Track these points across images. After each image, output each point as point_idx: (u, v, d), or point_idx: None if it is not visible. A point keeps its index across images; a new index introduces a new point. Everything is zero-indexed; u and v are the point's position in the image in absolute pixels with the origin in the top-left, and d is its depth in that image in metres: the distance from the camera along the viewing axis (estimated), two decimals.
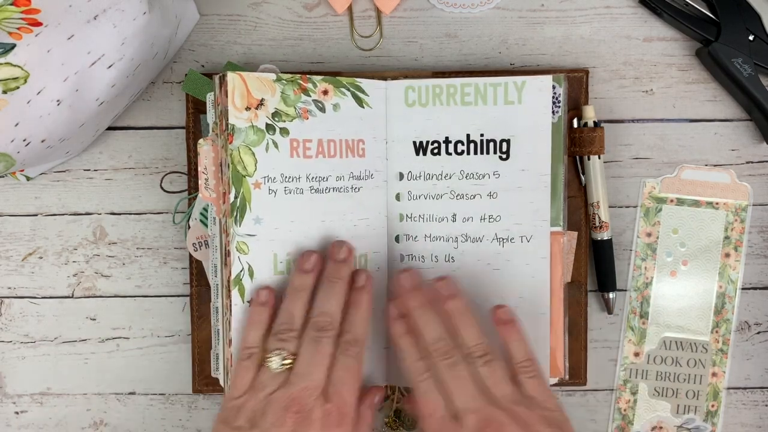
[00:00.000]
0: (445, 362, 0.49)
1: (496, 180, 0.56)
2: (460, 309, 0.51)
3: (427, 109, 0.56)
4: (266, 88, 0.53)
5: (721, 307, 0.61)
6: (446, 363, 0.49)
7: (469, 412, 0.47)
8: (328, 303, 0.51)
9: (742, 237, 0.61)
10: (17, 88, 0.48)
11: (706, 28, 0.59)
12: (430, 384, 0.49)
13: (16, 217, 0.61)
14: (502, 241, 0.56)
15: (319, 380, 0.48)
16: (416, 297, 0.52)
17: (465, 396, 0.48)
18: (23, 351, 0.62)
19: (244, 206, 0.52)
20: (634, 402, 0.61)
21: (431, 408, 0.49)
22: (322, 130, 0.55)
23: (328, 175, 0.55)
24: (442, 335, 0.50)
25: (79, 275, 0.61)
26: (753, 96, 0.58)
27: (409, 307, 0.52)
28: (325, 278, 0.52)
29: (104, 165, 0.61)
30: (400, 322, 0.53)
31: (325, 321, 0.50)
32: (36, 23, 0.46)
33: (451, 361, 0.49)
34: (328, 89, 0.54)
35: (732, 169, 0.61)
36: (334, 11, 0.60)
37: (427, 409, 0.49)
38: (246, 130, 0.52)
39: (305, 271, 0.52)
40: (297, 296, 0.51)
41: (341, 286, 0.52)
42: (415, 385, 0.50)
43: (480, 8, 0.61)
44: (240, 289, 0.53)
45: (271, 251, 0.54)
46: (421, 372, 0.50)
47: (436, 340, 0.50)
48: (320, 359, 0.49)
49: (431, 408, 0.49)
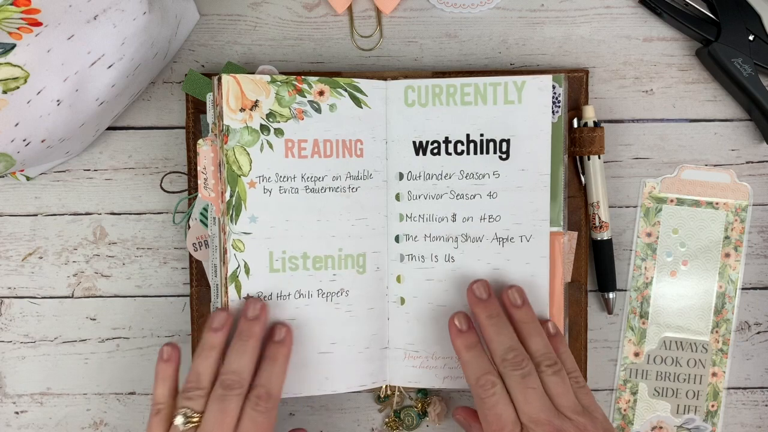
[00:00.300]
0: (516, 373, 0.49)
1: (496, 180, 0.56)
2: (527, 318, 0.52)
3: (427, 108, 0.56)
4: (260, 89, 0.54)
5: (721, 307, 0.61)
6: (518, 374, 0.49)
7: (539, 424, 0.48)
8: (237, 361, 0.51)
9: (742, 237, 0.61)
10: (17, 88, 0.48)
11: (706, 28, 0.59)
12: (499, 398, 0.49)
13: (16, 217, 0.61)
14: (502, 241, 0.56)
15: None
16: (487, 307, 0.53)
17: (535, 407, 0.48)
18: (23, 351, 0.62)
19: (239, 205, 0.54)
20: (634, 402, 0.61)
21: (502, 422, 0.48)
22: (318, 130, 0.55)
23: (324, 175, 0.55)
24: (513, 345, 0.51)
25: (79, 275, 0.61)
26: (753, 96, 0.58)
27: (479, 317, 0.53)
28: (236, 336, 0.52)
29: (104, 165, 0.61)
30: (465, 335, 0.53)
31: (231, 379, 0.50)
32: (36, 23, 0.46)
33: (523, 372, 0.50)
34: (324, 90, 0.55)
35: (732, 169, 0.61)
36: (334, 11, 0.60)
37: (497, 424, 0.49)
38: (240, 131, 0.53)
39: (214, 329, 0.52)
40: (205, 355, 0.51)
41: (252, 343, 0.52)
42: (482, 400, 0.50)
43: (480, 8, 0.61)
44: (237, 286, 0.54)
45: (267, 249, 0.54)
46: (490, 386, 0.50)
47: (508, 351, 0.50)
48: (224, 418, 0.49)
49: (502, 422, 0.48)
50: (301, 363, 0.56)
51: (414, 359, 0.58)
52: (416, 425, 0.61)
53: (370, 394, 0.62)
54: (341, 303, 0.56)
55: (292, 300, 0.56)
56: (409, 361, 0.58)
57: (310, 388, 0.56)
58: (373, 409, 0.62)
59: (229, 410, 0.49)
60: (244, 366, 0.51)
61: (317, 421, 0.62)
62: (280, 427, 0.62)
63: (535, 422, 0.48)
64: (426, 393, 0.61)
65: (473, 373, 0.51)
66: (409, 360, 0.58)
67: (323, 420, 0.62)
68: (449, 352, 0.58)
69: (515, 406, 0.49)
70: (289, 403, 0.62)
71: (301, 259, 0.56)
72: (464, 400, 0.62)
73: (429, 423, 0.61)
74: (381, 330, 0.58)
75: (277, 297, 0.55)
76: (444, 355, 0.58)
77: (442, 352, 0.58)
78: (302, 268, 0.56)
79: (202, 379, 0.51)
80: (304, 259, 0.56)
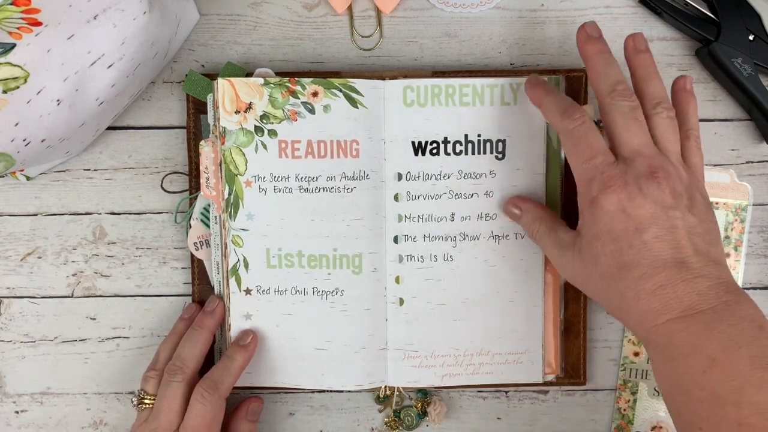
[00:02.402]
0: (625, 103, 0.47)
1: (493, 179, 0.57)
2: (649, 62, 0.51)
3: (426, 109, 0.57)
4: (254, 92, 0.55)
5: None
6: (626, 104, 0.47)
7: (639, 156, 0.46)
8: (184, 349, 0.55)
9: (741, 237, 0.60)
10: (17, 87, 0.48)
11: (706, 28, 0.59)
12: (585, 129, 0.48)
13: (16, 216, 0.61)
14: (498, 239, 0.57)
15: (168, 422, 0.53)
16: (598, 43, 0.50)
17: (639, 140, 0.47)
18: (23, 351, 0.62)
19: (237, 203, 0.56)
20: (634, 402, 0.61)
21: (595, 149, 0.47)
22: (312, 131, 0.56)
23: (318, 175, 0.56)
24: (623, 80, 0.49)
25: (78, 275, 0.61)
26: (753, 96, 0.58)
27: (588, 52, 0.50)
28: (191, 326, 0.57)
29: (104, 165, 0.61)
30: (597, 41, 0.50)
31: (175, 365, 0.54)
32: (36, 23, 0.46)
33: (632, 105, 0.48)
34: (318, 91, 0.55)
35: (732, 169, 0.61)
36: (334, 11, 0.60)
37: (590, 151, 0.47)
38: (236, 132, 0.55)
39: (182, 318, 0.59)
40: (168, 340, 0.58)
41: (203, 334, 0.56)
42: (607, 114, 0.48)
43: (480, 8, 0.61)
44: (237, 279, 0.57)
45: (264, 246, 0.56)
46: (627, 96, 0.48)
47: (617, 83, 0.48)
48: (170, 403, 0.53)
49: (595, 149, 0.47)
50: (299, 356, 0.57)
51: (413, 359, 0.58)
52: (416, 425, 0.61)
53: (369, 394, 0.62)
54: (336, 302, 0.57)
55: (289, 296, 0.57)
56: (408, 361, 0.58)
57: (305, 381, 0.58)
58: (373, 409, 0.62)
59: (174, 396, 0.53)
60: (189, 354, 0.55)
61: (317, 421, 0.62)
62: (279, 426, 0.62)
63: (636, 153, 0.46)
64: (426, 393, 0.61)
65: (607, 80, 0.48)
66: (408, 360, 0.58)
67: (323, 420, 0.62)
68: (448, 351, 0.58)
69: (616, 139, 0.47)
70: (289, 403, 0.62)
71: (297, 257, 0.57)
72: (464, 399, 0.62)
73: (429, 423, 0.62)
74: (378, 331, 0.58)
75: (275, 292, 0.57)
76: (443, 353, 0.58)
77: (441, 351, 0.58)
78: (298, 266, 0.57)
79: (158, 361, 0.56)
80: (299, 257, 0.57)
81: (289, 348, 0.57)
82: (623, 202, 0.45)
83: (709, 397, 0.42)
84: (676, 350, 0.44)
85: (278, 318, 0.57)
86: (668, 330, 0.44)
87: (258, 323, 0.57)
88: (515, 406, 0.62)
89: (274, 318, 0.57)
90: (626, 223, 0.45)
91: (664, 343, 0.44)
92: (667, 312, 0.44)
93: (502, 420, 0.62)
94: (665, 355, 0.44)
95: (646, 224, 0.45)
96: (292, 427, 0.62)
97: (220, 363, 0.55)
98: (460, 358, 0.58)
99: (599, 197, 0.46)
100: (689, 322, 0.44)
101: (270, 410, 0.62)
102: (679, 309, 0.44)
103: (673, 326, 0.44)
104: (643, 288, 0.45)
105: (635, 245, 0.45)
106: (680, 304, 0.44)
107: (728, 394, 0.41)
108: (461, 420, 0.62)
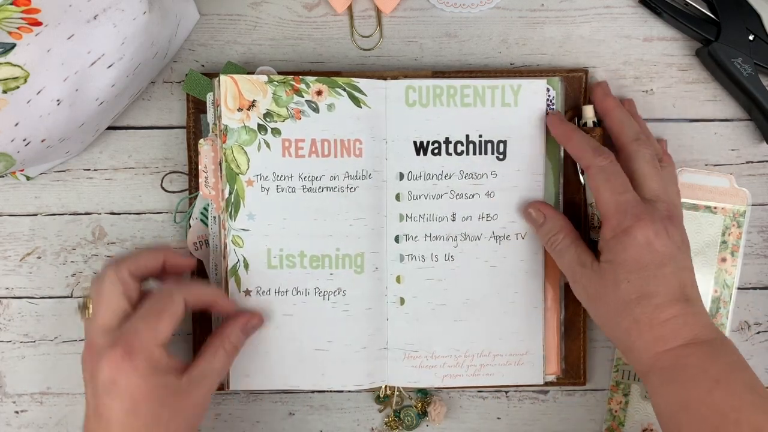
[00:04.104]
0: (648, 152, 0.53)
1: (494, 179, 0.57)
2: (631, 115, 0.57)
3: (428, 109, 0.57)
4: (258, 89, 0.55)
5: (716, 312, 0.61)
6: (650, 153, 0.53)
7: (659, 200, 0.52)
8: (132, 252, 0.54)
9: (739, 242, 0.60)
10: (17, 87, 0.48)
11: (706, 28, 0.59)
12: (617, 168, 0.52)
13: (16, 216, 0.61)
14: (499, 239, 0.57)
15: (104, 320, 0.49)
16: (615, 98, 0.57)
17: (658, 186, 0.52)
18: (23, 350, 0.62)
19: (238, 202, 0.55)
20: (626, 404, 0.61)
21: (626, 185, 0.51)
22: (316, 130, 0.56)
23: (322, 174, 0.56)
24: (642, 132, 0.55)
25: (77, 275, 0.61)
26: (753, 96, 0.58)
27: (609, 106, 0.56)
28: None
29: (104, 165, 0.61)
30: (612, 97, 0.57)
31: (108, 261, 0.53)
32: (36, 23, 0.46)
33: (653, 153, 0.54)
34: (322, 90, 0.55)
35: (731, 174, 0.61)
36: (334, 11, 0.60)
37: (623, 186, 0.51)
38: (238, 130, 0.55)
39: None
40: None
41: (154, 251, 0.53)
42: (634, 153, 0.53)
43: (480, 8, 0.61)
44: (236, 280, 0.56)
45: (265, 246, 0.56)
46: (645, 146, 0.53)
47: (639, 133, 0.54)
48: (101, 300, 0.50)
49: (626, 185, 0.51)
50: (299, 357, 0.57)
51: (413, 359, 0.58)
52: (416, 425, 0.61)
53: (369, 394, 0.62)
54: (338, 302, 0.57)
55: (290, 296, 0.57)
56: (408, 361, 0.58)
57: (306, 383, 0.58)
58: (373, 409, 0.62)
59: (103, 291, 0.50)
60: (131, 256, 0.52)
61: (317, 421, 0.62)
62: (279, 426, 0.62)
63: (656, 198, 0.52)
64: (426, 393, 0.61)
65: (630, 129, 0.54)
66: (409, 360, 0.58)
67: (323, 420, 0.62)
68: (449, 351, 0.58)
69: (640, 182, 0.52)
70: (289, 403, 0.62)
71: (298, 257, 0.56)
72: (464, 399, 0.62)
73: (429, 423, 0.62)
74: (379, 330, 0.58)
75: (276, 293, 0.57)
76: (443, 354, 0.58)
77: (442, 352, 0.58)
78: (299, 266, 0.56)
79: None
80: (301, 257, 0.56)
81: (289, 350, 0.57)
82: (650, 237, 0.50)
83: (713, 415, 0.47)
84: (684, 372, 0.49)
85: (278, 319, 0.57)
86: (676, 355, 0.49)
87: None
88: (515, 406, 0.62)
89: (275, 319, 0.57)
90: (652, 256, 0.50)
91: (670, 366, 0.49)
92: (677, 339, 0.49)
93: (502, 420, 0.62)
94: (670, 377, 0.49)
95: (666, 261, 0.50)
96: (292, 427, 0.62)
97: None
98: (461, 359, 0.58)
99: (633, 228, 0.50)
100: (696, 349, 0.49)
101: (270, 410, 0.62)
102: (687, 337, 0.49)
103: (682, 351, 0.49)
104: (658, 316, 0.50)
105: (657, 277, 0.50)
106: (689, 333, 0.49)
107: (730, 413, 0.46)
108: (461, 420, 0.62)
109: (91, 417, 0.49)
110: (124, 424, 0.47)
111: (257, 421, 0.62)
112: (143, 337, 0.48)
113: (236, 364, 0.56)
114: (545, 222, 0.55)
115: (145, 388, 0.48)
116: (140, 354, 0.48)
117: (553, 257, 0.55)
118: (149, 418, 0.48)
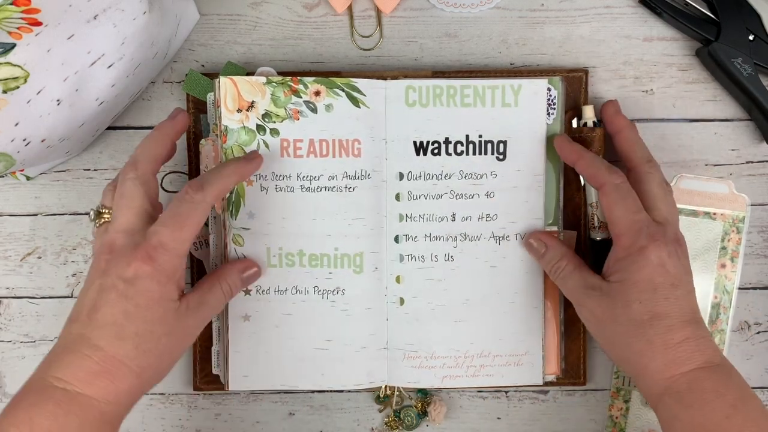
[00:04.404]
0: (659, 175, 0.53)
1: (494, 180, 0.57)
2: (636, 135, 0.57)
3: (428, 109, 0.57)
4: (256, 90, 0.55)
5: (716, 318, 0.61)
6: (660, 176, 0.53)
7: (668, 223, 0.52)
8: (137, 149, 0.51)
9: (738, 248, 0.60)
10: (17, 87, 0.48)
11: (706, 28, 0.59)
12: (630, 187, 0.52)
13: (16, 216, 0.61)
14: (499, 239, 0.57)
15: (126, 222, 0.48)
16: (625, 117, 0.56)
17: (667, 209, 0.53)
18: (23, 350, 0.62)
19: (238, 201, 0.56)
20: (626, 410, 0.61)
21: (639, 205, 0.52)
22: (314, 130, 0.56)
23: (320, 174, 0.56)
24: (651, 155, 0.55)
25: (78, 275, 0.61)
26: (753, 96, 0.58)
27: (621, 124, 0.56)
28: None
29: (104, 165, 0.61)
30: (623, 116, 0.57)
31: (127, 165, 0.50)
32: (36, 23, 0.46)
33: (663, 176, 0.54)
34: (320, 90, 0.55)
35: (730, 180, 0.61)
36: (334, 11, 0.60)
37: (636, 206, 0.51)
38: (238, 131, 0.55)
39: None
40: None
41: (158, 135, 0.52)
42: (646, 175, 0.53)
43: (480, 8, 0.61)
44: None
45: (265, 245, 0.56)
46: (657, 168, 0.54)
47: (650, 156, 0.54)
48: (124, 202, 0.49)
49: (639, 205, 0.52)
50: (298, 357, 0.57)
51: (413, 359, 0.58)
52: (416, 425, 0.61)
53: (369, 394, 0.62)
54: (337, 301, 0.57)
55: (290, 295, 0.57)
56: (408, 362, 0.58)
57: (305, 383, 0.58)
58: (373, 409, 0.62)
59: (130, 194, 0.49)
60: (142, 153, 0.51)
61: (317, 421, 0.62)
62: (279, 426, 0.62)
63: (666, 221, 0.52)
64: (426, 393, 0.61)
65: (643, 151, 0.55)
66: (408, 360, 0.58)
67: (323, 420, 0.62)
68: (448, 352, 0.58)
69: (651, 204, 0.52)
70: (289, 403, 0.62)
71: (297, 256, 0.56)
72: (464, 399, 0.62)
73: (429, 423, 0.62)
74: (379, 330, 0.58)
75: (275, 291, 0.57)
76: (443, 354, 0.58)
77: (441, 352, 0.58)
78: (299, 265, 0.57)
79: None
80: (300, 256, 0.57)
81: (289, 349, 0.57)
82: (664, 258, 0.50)
83: None
84: (701, 397, 0.48)
85: (278, 318, 0.57)
86: (691, 378, 0.48)
87: (257, 324, 0.57)
88: (515, 406, 0.62)
89: (274, 318, 0.57)
90: (664, 278, 0.50)
91: (686, 390, 0.48)
92: (691, 362, 0.49)
93: (502, 420, 0.62)
94: (685, 402, 0.48)
95: (677, 282, 0.50)
96: (292, 427, 0.62)
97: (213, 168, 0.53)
98: (461, 359, 0.58)
99: (648, 248, 0.50)
100: (711, 373, 0.49)
101: (270, 410, 0.62)
102: (701, 360, 0.49)
103: (697, 375, 0.48)
104: (671, 338, 0.49)
105: (669, 298, 0.50)
106: (701, 356, 0.49)
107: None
108: (461, 420, 0.62)
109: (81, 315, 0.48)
110: (115, 324, 0.46)
111: (257, 421, 0.62)
112: (168, 246, 0.48)
113: (236, 364, 0.57)
114: (547, 251, 0.55)
115: (156, 296, 0.47)
116: (163, 262, 0.47)
117: (558, 284, 0.55)
118: (143, 328, 0.47)
